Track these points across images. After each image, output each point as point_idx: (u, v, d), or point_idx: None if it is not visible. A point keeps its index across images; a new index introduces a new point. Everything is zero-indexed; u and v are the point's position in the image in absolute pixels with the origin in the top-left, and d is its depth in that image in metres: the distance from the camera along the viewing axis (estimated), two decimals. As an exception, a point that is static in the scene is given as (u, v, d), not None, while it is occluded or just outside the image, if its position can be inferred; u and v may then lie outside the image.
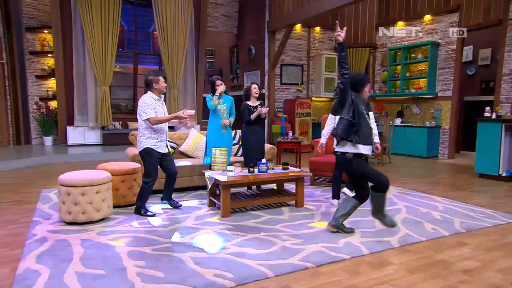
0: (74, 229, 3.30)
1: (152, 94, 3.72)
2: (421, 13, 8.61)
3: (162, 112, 3.78)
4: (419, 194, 4.75)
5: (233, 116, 4.57)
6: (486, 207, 4.15)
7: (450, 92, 8.15)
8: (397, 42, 9.34)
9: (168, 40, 9.55)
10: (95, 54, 8.80)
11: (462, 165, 7.40)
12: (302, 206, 4.12)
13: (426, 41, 8.43)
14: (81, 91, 8.98)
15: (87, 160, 7.38)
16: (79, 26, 8.76)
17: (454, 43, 8.00)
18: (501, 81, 7.15)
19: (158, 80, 3.71)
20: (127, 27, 12.59)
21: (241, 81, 10.85)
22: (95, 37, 8.73)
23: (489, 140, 5.71)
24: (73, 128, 8.97)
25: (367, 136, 2.99)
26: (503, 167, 5.65)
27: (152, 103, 3.67)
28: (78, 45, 8.85)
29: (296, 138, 6.42)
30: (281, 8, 8.91)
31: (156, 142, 3.72)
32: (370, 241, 3.04)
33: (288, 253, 2.78)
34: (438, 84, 8.42)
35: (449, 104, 8.19)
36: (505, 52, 7.05)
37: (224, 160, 4.20)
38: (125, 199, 4.03)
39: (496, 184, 5.49)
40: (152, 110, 3.65)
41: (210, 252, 2.78)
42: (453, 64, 8.07)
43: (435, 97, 8.46)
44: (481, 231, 3.35)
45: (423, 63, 8.59)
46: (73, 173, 3.57)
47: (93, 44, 8.74)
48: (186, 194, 4.69)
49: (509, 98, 7.03)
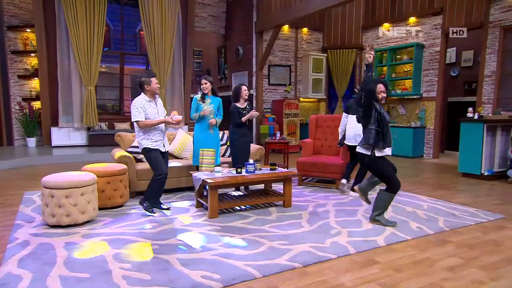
0: (58, 232, 3.24)
1: (145, 95, 3.72)
2: (406, 15, 8.76)
3: (156, 114, 3.74)
4: (405, 193, 4.83)
5: (220, 116, 4.56)
6: (469, 205, 4.25)
7: (435, 93, 8.31)
8: (383, 43, 9.48)
9: (155, 40, 9.46)
10: (80, 54, 8.65)
11: (446, 164, 7.55)
12: (289, 206, 4.13)
13: (411, 43, 8.58)
14: (65, 91, 8.81)
15: (72, 162, 7.24)
16: (63, 24, 8.60)
17: (438, 45, 8.16)
18: (483, 82, 7.33)
19: (150, 81, 3.69)
20: (113, 27, 12.41)
21: (229, 81, 10.84)
22: (80, 36, 8.58)
23: (471, 140, 5.85)
24: (58, 129, 8.79)
25: (389, 140, 3.34)
26: (485, 167, 5.80)
27: (143, 105, 3.66)
28: (63, 44, 8.69)
29: (284, 139, 6.44)
30: (268, 9, 8.94)
31: (152, 142, 3.73)
32: (356, 240, 3.08)
33: (276, 253, 2.78)
34: (423, 85, 8.57)
35: (434, 104, 8.35)
36: (487, 54, 7.24)
37: (212, 161, 4.19)
38: (111, 201, 3.98)
39: (478, 183, 5.62)
40: (141, 113, 3.64)
41: (198, 254, 2.77)
42: (437, 66, 8.23)
43: (420, 98, 8.61)
44: (464, 229, 3.43)
45: (408, 65, 8.74)
46: (57, 175, 3.50)
47: (78, 43, 8.59)
48: (174, 195, 4.66)
49: (490, 99, 7.22)
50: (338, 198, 4.54)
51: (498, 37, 7.04)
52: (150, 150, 3.71)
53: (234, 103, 4.62)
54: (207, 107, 4.44)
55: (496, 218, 3.75)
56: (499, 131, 5.88)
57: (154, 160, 3.72)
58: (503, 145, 5.95)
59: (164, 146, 3.86)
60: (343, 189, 4.84)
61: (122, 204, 4.12)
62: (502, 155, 5.93)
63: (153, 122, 3.68)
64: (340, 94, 10.44)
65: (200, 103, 4.44)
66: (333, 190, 4.98)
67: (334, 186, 5.08)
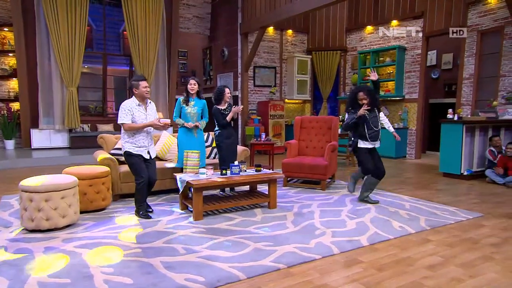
0: (37, 237, 3.15)
1: (135, 99, 3.68)
2: (389, 18, 8.93)
3: (144, 119, 3.68)
4: (388, 193, 4.91)
5: (206, 118, 4.55)
6: (449, 204, 4.36)
7: (416, 95, 8.50)
8: (366, 46, 9.63)
9: (139, 41, 9.36)
10: (61, 54, 8.47)
11: (428, 164, 7.72)
12: (275, 207, 4.15)
13: (393, 45, 8.75)
14: (46, 92, 8.61)
15: (53, 164, 7.08)
16: (43, 23, 8.40)
17: (419, 48, 8.35)
18: (462, 84, 7.54)
19: (138, 85, 3.63)
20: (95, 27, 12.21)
21: (214, 82, 10.81)
22: (61, 36, 8.41)
23: (451, 141, 6.00)
24: (38, 131, 8.59)
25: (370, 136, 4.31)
26: (464, 166, 5.96)
27: (131, 108, 3.61)
28: (43, 44, 8.49)
29: (269, 140, 6.46)
30: (253, 10, 8.96)
31: (134, 147, 3.67)
32: (340, 240, 3.11)
33: (261, 254, 2.79)
34: (405, 87, 8.75)
35: (416, 106, 8.53)
36: (465, 57, 7.45)
37: (196, 163, 4.17)
38: (93, 204, 3.90)
39: (458, 182, 5.77)
40: (128, 116, 3.60)
41: (182, 256, 2.74)
42: (418, 68, 8.43)
43: (403, 99, 8.79)
44: (444, 228, 3.51)
45: (391, 67, 8.91)
46: (36, 178, 3.42)
47: (59, 43, 8.41)
48: (158, 197, 4.61)
49: (469, 101, 7.43)
50: (322, 199, 4.58)
51: (475, 41, 7.26)
52: (131, 154, 3.66)
53: (215, 106, 4.61)
54: (190, 109, 4.41)
55: (474, 217, 3.86)
56: (477, 132, 6.06)
57: (133, 165, 3.67)
58: (481, 146, 6.13)
59: (148, 153, 3.78)
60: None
61: (104, 207, 4.05)
62: (480, 155, 6.11)
63: (138, 126, 3.63)
64: (325, 95, 10.55)
65: (183, 105, 4.41)
66: (317, 191, 5.03)
67: (319, 187, 5.13)
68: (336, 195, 4.81)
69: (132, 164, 3.67)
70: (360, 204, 4.30)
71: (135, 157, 3.67)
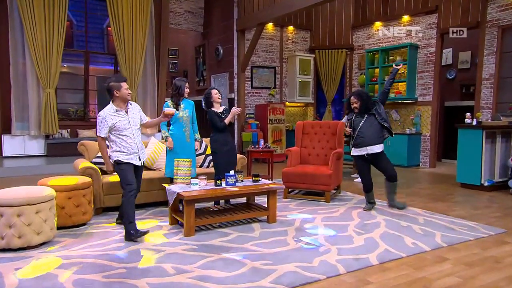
0: (8, 256, 3.13)
1: (112, 105, 3.62)
2: (399, 14, 9.02)
3: (126, 123, 3.63)
4: (400, 206, 4.91)
5: (196, 128, 4.59)
6: (467, 219, 4.36)
7: (430, 97, 8.55)
8: (375, 43, 9.71)
9: (125, 38, 9.40)
10: (38, 52, 8.48)
11: (443, 174, 7.74)
12: (274, 221, 4.13)
13: (404, 43, 8.82)
14: (20, 94, 8.60)
15: (27, 174, 7.05)
16: (17, 18, 8.40)
17: (433, 46, 8.42)
18: (481, 85, 7.60)
19: (120, 86, 3.58)
20: (76, 22, 12.25)
21: (208, 84, 10.85)
22: (37, 31, 8.42)
23: (470, 148, 6.01)
24: (10, 137, 8.56)
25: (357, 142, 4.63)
26: (485, 176, 5.96)
27: (110, 116, 3.56)
28: (16, 41, 8.50)
29: (268, 147, 6.47)
30: (251, 5, 9.04)
31: (124, 155, 3.65)
32: (347, 258, 3.10)
33: (259, 274, 2.77)
34: (417, 89, 8.81)
35: (429, 109, 8.58)
36: (484, 55, 7.52)
37: (188, 172, 4.16)
38: (72, 219, 3.88)
39: (477, 194, 5.78)
40: (105, 128, 3.57)
41: (171, 277, 2.72)
42: (432, 68, 8.49)
43: (415, 102, 8.84)
44: (463, 245, 3.51)
45: (402, 66, 8.95)
46: (7, 190, 3.40)
47: (35, 39, 8.42)
48: (145, 211, 4.59)
49: (489, 104, 7.47)
50: (327, 212, 4.58)
51: (496, 38, 7.33)
52: (122, 163, 3.63)
53: (210, 109, 4.63)
54: (182, 113, 4.43)
55: (496, 233, 3.86)
56: (499, 138, 6.08)
57: (125, 171, 3.63)
58: (503, 153, 6.14)
59: (139, 159, 3.79)
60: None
61: (85, 222, 4.03)
62: (502, 164, 6.12)
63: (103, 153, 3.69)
64: (329, 98, 10.60)
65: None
66: (321, 203, 5.02)
67: (323, 199, 5.13)
68: (342, 207, 4.81)
69: (122, 170, 3.64)
70: (369, 218, 4.30)
71: (126, 165, 3.65)
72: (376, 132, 4.54)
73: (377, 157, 4.58)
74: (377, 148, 4.54)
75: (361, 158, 4.63)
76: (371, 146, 4.52)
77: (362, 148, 4.55)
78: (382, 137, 4.58)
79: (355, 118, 4.63)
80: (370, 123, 4.54)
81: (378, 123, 4.56)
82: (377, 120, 4.55)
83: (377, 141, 4.54)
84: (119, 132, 3.62)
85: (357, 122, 4.60)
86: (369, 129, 4.52)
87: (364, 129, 4.54)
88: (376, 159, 4.60)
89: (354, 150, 4.65)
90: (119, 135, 3.63)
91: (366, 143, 4.53)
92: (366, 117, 4.56)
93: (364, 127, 4.54)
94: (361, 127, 4.55)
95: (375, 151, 4.53)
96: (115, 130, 3.61)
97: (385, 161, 4.62)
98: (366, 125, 4.54)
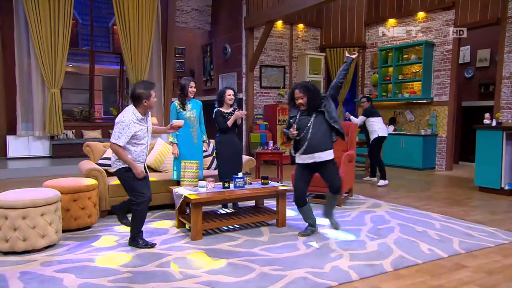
0: (12, 260, 3.17)
1: (136, 111, 3.42)
2: (414, 10, 8.95)
3: (145, 132, 3.50)
4: (414, 210, 4.86)
5: (204, 129, 4.61)
6: (487, 224, 4.29)
7: (447, 97, 8.46)
8: (388, 41, 9.65)
9: (131, 37, 9.48)
10: (43, 51, 8.59)
11: (461, 177, 7.65)
12: (284, 225, 4.13)
13: (419, 41, 8.75)
14: (25, 94, 8.73)
15: (31, 176, 7.14)
16: (22, 17, 8.55)
17: (450, 43, 8.33)
18: (501, 84, 7.49)
19: (150, 95, 3.40)
20: (81, 20, 12.41)
21: (215, 84, 10.88)
22: (43, 31, 8.54)
23: (489, 150, 5.93)
24: (15, 138, 8.69)
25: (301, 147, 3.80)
26: (505, 180, 5.87)
27: (133, 124, 3.37)
28: (22, 40, 8.63)
29: (277, 148, 6.46)
30: (260, 2, 9.05)
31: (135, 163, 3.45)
32: (360, 264, 3.08)
33: (267, 280, 2.77)
34: (433, 88, 8.72)
35: (446, 110, 8.49)
36: (505, 53, 7.41)
37: (195, 175, 4.18)
38: (77, 222, 3.92)
39: (497, 198, 5.69)
40: (126, 137, 3.33)
41: (178, 282, 2.73)
42: (449, 66, 8.40)
43: (431, 102, 8.75)
44: (482, 251, 3.46)
45: (416, 65, 8.89)
46: (12, 192, 3.45)
47: (40, 39, 8.54)
48: (151, 214, 4.61)
49: (509, 103, 7.36)
50: (338, 216, 4.54)
51: (516, 34, 7.23)
52: (129, 170, 3.44)
53: (217, 108, 4.65)
54: (189, 114, 4.45)
55: (517, 239, 3.80)
56: (519, 139, 5.98)
57: (135, 183, 3.44)
58: (524, 156, 6.04)
59: (144, 168, 3.62)
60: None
61: (90, 225, 4.06)
62: (523, 167, 6.02)
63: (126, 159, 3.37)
64: (341, 98, 10.55)
65: (180, 110, 4.45)
66: (333, 208, 4.99)
67: (335, 203, 5.09)
68: (354, 211, 4.78)
69: (131, 179, 3.44)
70: (382, 223, 4.26)
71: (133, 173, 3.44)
72: (326, 135, 3.77)
73: (324, 165, 3.79)
74: (326, 155, 3.75)
75: (303, 166, 3.84)
76: (319, 152, 3.72)
77: (309, 155, 3.73)
78: (331, 141, 3.83)
79: (301, 117, 3.82)
80: (319, 124, 3.76)
81: (328, 124, 3.78)
82: (326, 120, 3.78)
83: (326, 147, 3.76)
84: (137, 141, 3.46)
85: (303, 122, 3.78)
86: (318, 131, 3.74)
87: (313, 131, 3.73)
88: (323, 168, 3.81)
89: (299, 157, 3.82)
90: (136, 144, 3.46)
91: (314, 149, 3.72)
92: (315, 117, 3.76)
93: (312, 128, 3.74)
94: (308, 128, 3.74)
95: (324, 158, 3.74)
96: (135, 138, 3.43)
97: (333, 171, 3.85)
98: (315, 127, 3.74)
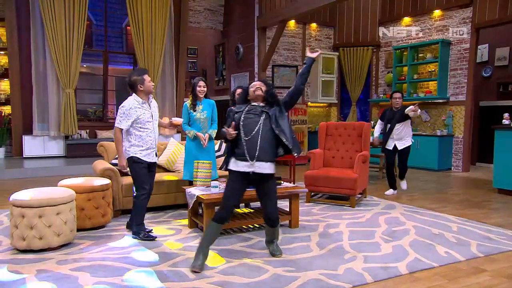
0: (29, 257, 3.22)
1: (136, 97, 3.68)
2: (430, 8, 8.84)
3: (149, 117, 3.71)
4: (430, 212, 4.80)
5: (215, 126, 4.58)
6: (506, 227, 4.21)
7: (464, 97, 8.33)
8: (403, 40, 9.54)
9: (144, 37, 9.57)
10: (58, 52, 8.74)
11: (478, 179, 7.53)
12: (297, 226, 4.12)
13: (435, 39, 8.63)
14: (41, 94, 8.88)
15: (47, 175, 7.26)
16: (38, 19, 8.71)
17: (467, 42, 8.20)
18: (519, 84, 7.34)
19: (143, 80, 3.65)
20: (95, 21, 12.57)
21: (227, 83, 10.91)
22: (58, 32, 8.69)
23: (508, 151, 5.83)
24: (31, 138, 8.83)
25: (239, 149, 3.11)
26: (524, 182, 5.77)
27: (134, 108, 3.61)
28: (38, 41, 8.79)
29: (290, 149, 6.43)
30: (272, 2, 9.04)
31: (142, 150, 3.68)
32: (374, 267, 3.05)
33: (281, 281, 2.76)
34: (449, 88, 8.60)
35: (463, 110, 8.36)
36: (523, 52, 7.27)
37: (208, 175, 4.19)
38: (91, 221, 3.97)
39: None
40: (127, 121, 3.59)
41: (191, 282, 2.75)
42: (466, 65, 8.27)
43: (447, 102, 8.63)
44: (502, 255, 3.39)
45: (432, 64, 8.78)
46: (29, 191, 3.51)
47: (55, 40, 8.69)
48: (164, 213, 4.65)
49: (528, 104, 7.22)
50: (352, 217, 4.52)
51: (535, 33, 7.08)
52: (138, 161, 3.66)
53: (230, 108, 4.64)
54: (199, 115, 4.46)
55: (537, 242, 3.72)
56: (539, 140, 5.86)
57: (140, 175, 3.69)
58: (543, 157, 5.92)
59: (156, 155, 3.86)
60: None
61: (104, 224, 4.11)
62: (543, 168, 5.90)
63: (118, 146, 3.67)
64: (354, 98, 10.48)
65: (191, 111, 4.47)
66: (346, 208, 4.97)
67: (348, 204, 5.07)
68: (368, 213, 4.74)
69: (136, 172, 3.69)
70: (397, 225, 4.22)
71: (140, 164, 3.67)
72: (272, 144, 3.10)
73: (265, 179, 3.14)
74: (268, 168, 3.09)
75: (238, 176, 3.13)
76: (261, 162, 3.05)
77: (247, 163, 3.05)
78: (275, 154, 3.14)
79: (248, 115, 3.15)
80: (266, 129, 3.08)
81: (273, 133, 3.08)
82: (272, 128, 3.08)
83: (270, 158, 3.09)
84: (141, 125, 3.66)
85: (250, 122, 3.11)
86: (266, 136, 3.06)
87: (261, 134, 3.05)
88: (262, 182, 3.16)
89: (235, 163, 3.11)
90: (141, 128, 3.66)
91: (255, 156, 3.03)
92: (264, 118, 3.11)
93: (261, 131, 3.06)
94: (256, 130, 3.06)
95: (264, 171, 3.07)
96: (138, 122, 3.64)
97: (272, 193, 3.19)
98: (264, 130, 3.07)
